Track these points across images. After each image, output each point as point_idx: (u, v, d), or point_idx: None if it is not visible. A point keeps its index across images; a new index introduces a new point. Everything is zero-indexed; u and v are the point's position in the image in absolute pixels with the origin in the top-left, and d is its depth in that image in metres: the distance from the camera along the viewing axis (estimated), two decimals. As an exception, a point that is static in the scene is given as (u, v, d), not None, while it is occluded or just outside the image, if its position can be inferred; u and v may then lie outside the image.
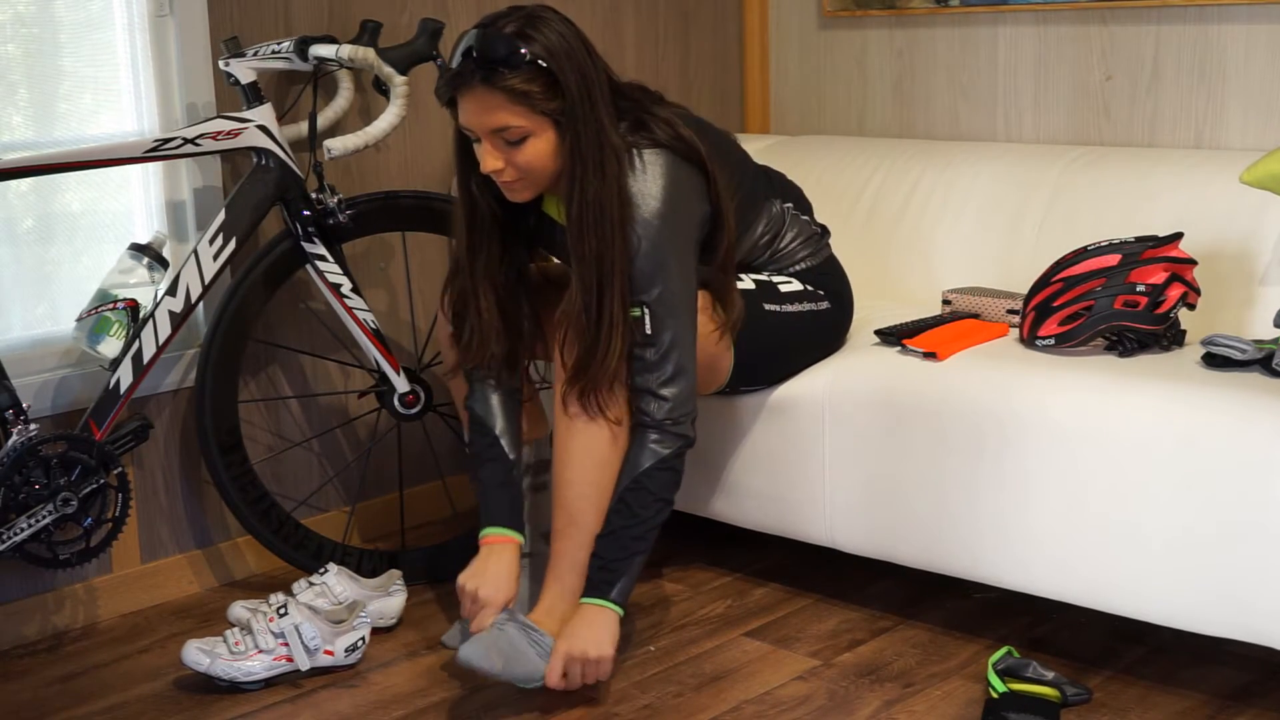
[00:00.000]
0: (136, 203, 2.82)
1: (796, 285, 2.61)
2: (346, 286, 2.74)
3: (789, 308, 2.58)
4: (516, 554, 2.44)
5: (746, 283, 2.56)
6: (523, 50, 2.18)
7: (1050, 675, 2.34)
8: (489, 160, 2.26)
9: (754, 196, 2.59)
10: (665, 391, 2.32)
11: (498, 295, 2.44)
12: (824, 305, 2.64)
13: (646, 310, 2.30)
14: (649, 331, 2.30)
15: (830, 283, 2.68)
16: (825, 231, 2.75)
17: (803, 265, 2.64)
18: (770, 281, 2.58)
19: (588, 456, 2.32)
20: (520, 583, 2.47)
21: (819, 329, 2.66)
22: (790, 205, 2.68)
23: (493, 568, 2.41)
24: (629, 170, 2.30)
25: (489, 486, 2.47)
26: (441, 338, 2.66)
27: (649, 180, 2.30)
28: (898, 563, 2.60)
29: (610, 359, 2.28)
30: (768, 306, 2.55)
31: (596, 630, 2.29)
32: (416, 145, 3.14)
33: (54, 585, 2.71)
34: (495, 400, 2.50)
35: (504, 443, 2.48)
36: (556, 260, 2.65)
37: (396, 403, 2.84)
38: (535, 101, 2.21)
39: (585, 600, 2.32)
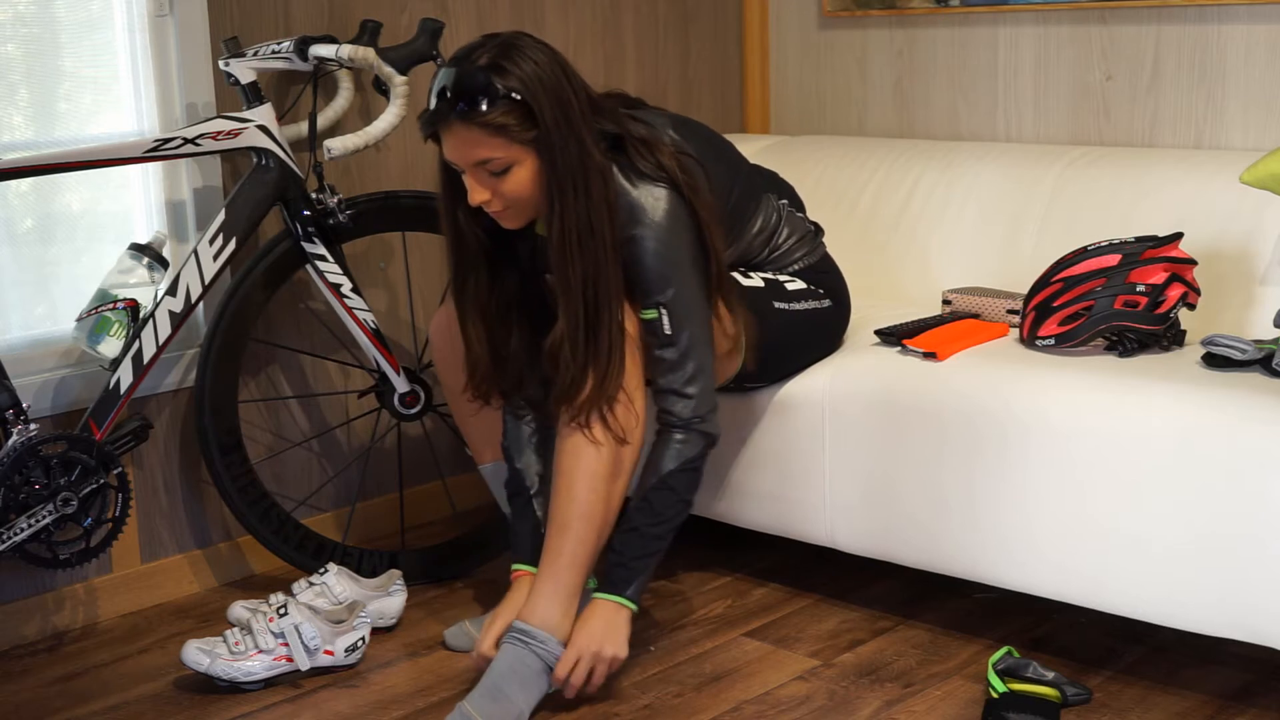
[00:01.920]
0: (136, 203, 2.82)
1: (800, 284, 2.62)
2: (346, 286, 2.74)
3: (796, 306, 2.59)
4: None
5: (755, 280, 2.56)
6: (496, 85, 2.19)
7: (1050, 675, 2.34)
8: (476, 193, 2.27)
9: (751, 191, 2.60)
10: (690, 390, 2.32)
11: (487, 325, 2.44)
12: (826, 303, 2.65)
13: (664, 310, 2.30)
14: (668, 331, 2.31)
15: (828, 281, 2.68)
16: (819, 230, 2.75)
17: (800, 264, 2.64)
18: (777, 280, 2.59)
19: (585, 478, 2.30)
20: None
21: (822, 327, 2.67)
22: (785, 202, 2.68)
23: (506, 599, 2.42)
24: (627, 182, 2.30)
25: (512, 521, 2.50)
26: (438, 364, 2.66)
27: (647, 190, 2.30)
28: (898, 563, 2.60)
29: (611, 382, 2.28)
30: (777, 305, 2.56)
31: (614, 628, 2.30)
32: (416, 145, 3.13)
33: (54, 585, 2.71)
34: (523, 433, 2.51)
35: (525, 476, 2.48)
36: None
37: (396, 403, 2.84)
38: (513, 133, 2.21)
39: (601, 596, 2.32)
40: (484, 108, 2.19)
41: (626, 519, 2.34)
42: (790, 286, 2.60)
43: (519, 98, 2.20)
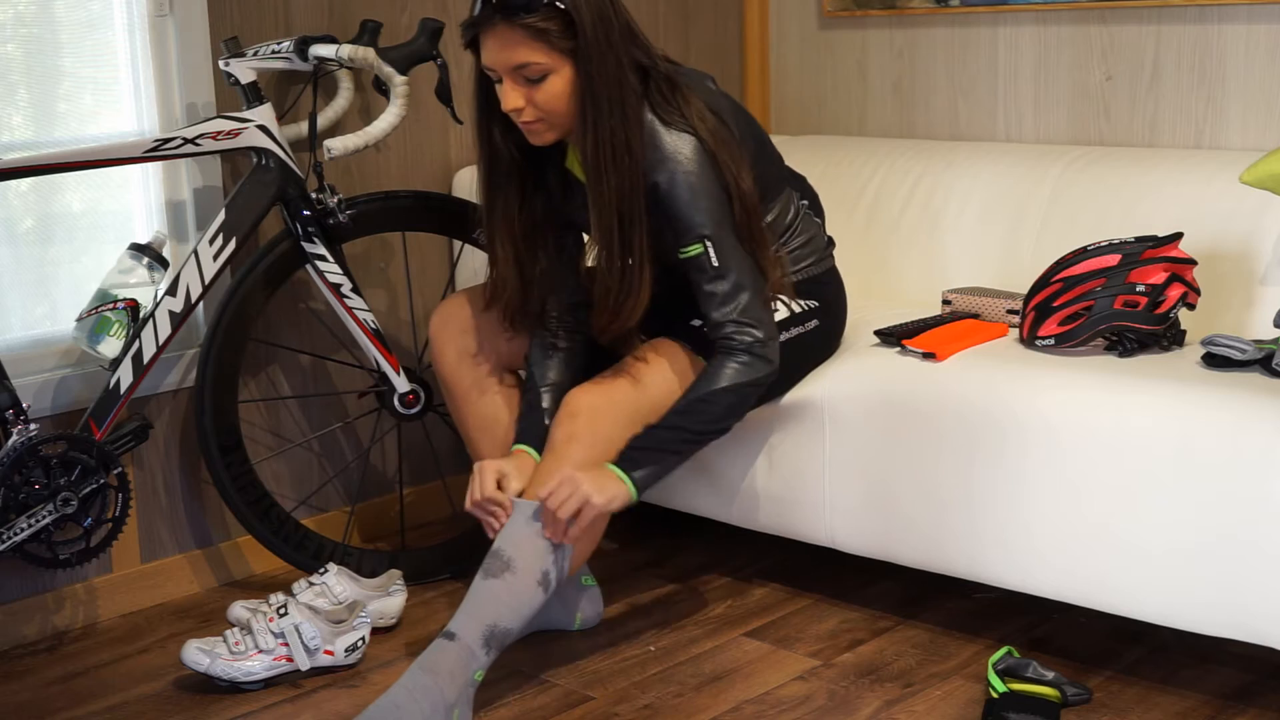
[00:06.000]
0: (136, 203, 2.82)
1: (783, 312, 2.58)
2: (346, 286, 2.74)
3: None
4: (530, 464, 2.41)
5: None
6: None
7: (1050, 675, 2.34)
8: (510, 98, 2.29)
9: (775, 177, 2.58)
10: (747, 318, 2.34)
11: (514, 244, 2.46)
12: (812, 324, 2.61)
13: (709, 243, 2.32)
14: (716, 263, 2.32)
15: (825, 293, 2.65)
16: (832, 242, 2.74)
17: (803, 275, 2.60)
18: None
19: (617, 409, 2.35)
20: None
21: (809, 348, 2.63)
22: (806, 203, 2.67)
23: (505, 459, 2.43)
24: (657, 117, 2.32)
25: (522, 411, 2.51)
26: (438, 363, 2.64)
27: (673, 134, 2.32)
28: (898, 563, 2.60)
29: (642, 297, 2.33)
30: None
31: (606, 485, 2.28)
32: (416, 145, 3.14)
33: (54, 585, 2.71)
34: (546, 351, 2.52)
35: (538, 377, 2.50)
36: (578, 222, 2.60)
37: (396, 403, 2.84)
38: (553, 39, 2.24)
39: (608, 465, 2.31)
40: (527, 10, 2.22)
41: (664, 417, 2.34)
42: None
43: (562, 6, 2.23)
